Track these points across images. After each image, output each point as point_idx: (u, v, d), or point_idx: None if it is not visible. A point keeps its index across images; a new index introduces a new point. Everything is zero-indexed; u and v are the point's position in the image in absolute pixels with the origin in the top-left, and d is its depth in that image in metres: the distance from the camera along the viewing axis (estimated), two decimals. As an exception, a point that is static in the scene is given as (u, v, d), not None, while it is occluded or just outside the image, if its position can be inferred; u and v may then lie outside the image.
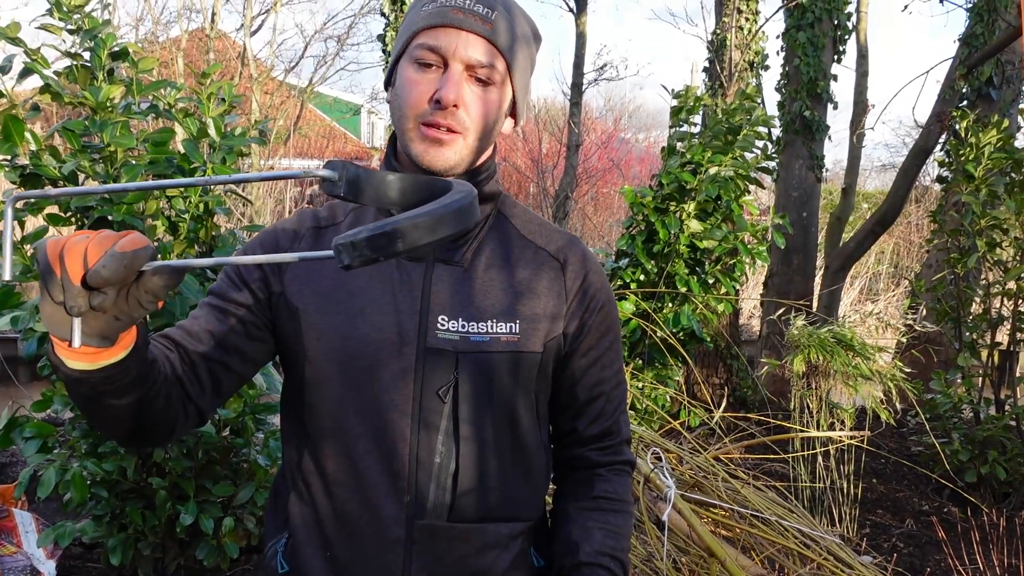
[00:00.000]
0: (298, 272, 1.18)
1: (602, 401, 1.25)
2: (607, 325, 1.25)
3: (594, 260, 1.26)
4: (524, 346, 1.15)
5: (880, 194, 12.83)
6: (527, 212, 1.28)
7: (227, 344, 1.16)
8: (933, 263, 6.23)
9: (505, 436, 1.17)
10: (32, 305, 2.37)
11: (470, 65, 1.11)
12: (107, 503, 2.58)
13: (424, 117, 1.11)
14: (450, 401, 1.12)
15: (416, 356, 1.12)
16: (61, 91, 2.51)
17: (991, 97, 6.31)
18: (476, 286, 1.16)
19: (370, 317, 1.14)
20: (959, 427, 4.37)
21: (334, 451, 1.15)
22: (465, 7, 1.11)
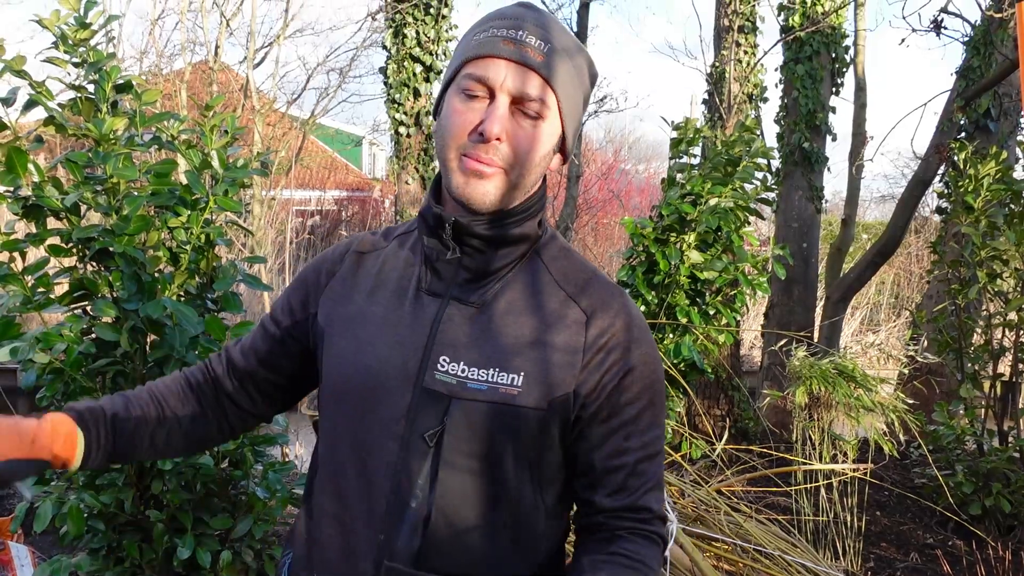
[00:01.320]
0: (332, 293, 1.22)
1: (623, 474, 1.12)
2: (637, 391, 1.12)
3: (633, 319, 1.14)
4: (522, 401, 1.07)
5: (880, 225, 12.87)
6: (572, 258, 1.19)
7: (270, 361, 1.28)
8: (934, 294, 6.24)
9: (490, 493, 1.09)
10: (32, 336, 2.37)
11: (518, 98, 1.07)
12: (104, 536, 2.56)
13: (466, 149, 1.08)
14: (435, 447, 1.08)
15: (412, 394, 1.09)
16: (65, 123, 2.53)
17: (989, 129, 6.35)
18: (486, 330, 1.10)
19: (377, 348, 1.13)
20: (963, 459, 4.34)
21: (329, 476, 1.17)
22: (517, 38, 1.08)
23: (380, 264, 1.21)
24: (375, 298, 1.17)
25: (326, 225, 15.96)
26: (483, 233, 1.11)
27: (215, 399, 1.30)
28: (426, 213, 1.16)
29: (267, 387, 1.30)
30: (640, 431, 1.13)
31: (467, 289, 1.13)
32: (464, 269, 1.13)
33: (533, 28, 1.09)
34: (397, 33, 7.53)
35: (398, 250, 1.21)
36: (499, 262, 1.13)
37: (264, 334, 1.29)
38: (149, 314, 2.37)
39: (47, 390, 2.41)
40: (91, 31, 2.55)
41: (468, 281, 1.13)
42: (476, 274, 1.13)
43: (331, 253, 1.27)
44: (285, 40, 11.84)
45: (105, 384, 2.49)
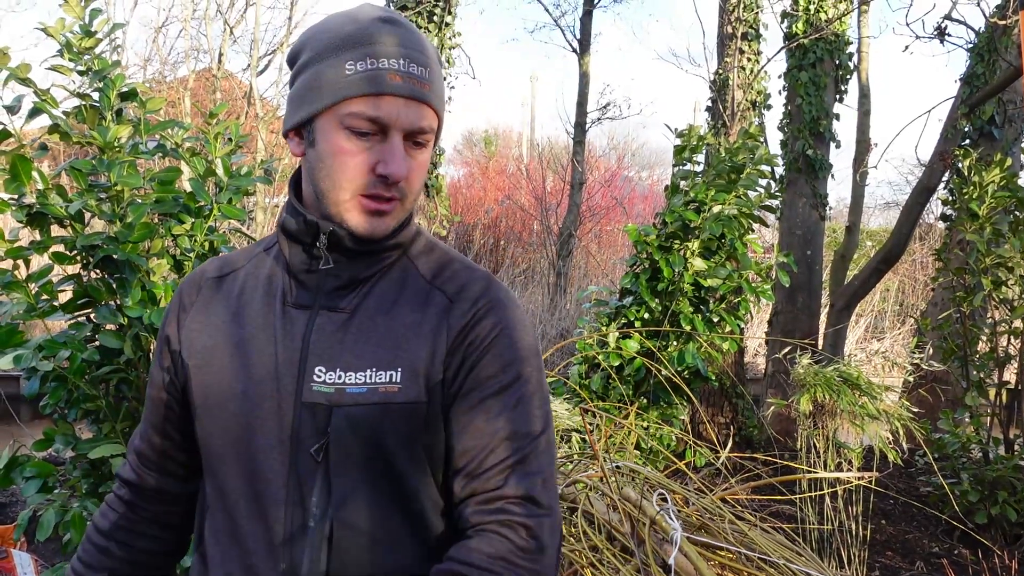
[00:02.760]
0: (193, 326, 1.17)
1: (482, 455, 1.06)
2: (502, 365, 1.08)
3: (501, 298, 1.11)
4: (404, 396, 1.05)
5: (884, 232, 12.86)
6: (441, 253, 1.17)
7: (172, 432, 1.22)
8: (939, 301, 6.22)
9: (388, 497, 1.06)
10: (35, 344, 2.37)
11: (412, 133, 1.06)
12: (106, 544, 2.55)
13: (365, 189, 1.05)
14: (323, 460, 1.04)
15: (292, 412, 1.06)
16: (69, 131, 2.53)
17: (993, 136, 6.34)
18: (359, 333, 1.08)
19: (251, 370, 1.09)
20: (968, 467, 4.32)
21: (221, 515, 1.12)
22: (401, 70, 1.04)
23: (240, 285, 1.17)
24: (239, 320, 1.13)
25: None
26: (359, 249, 1.09)
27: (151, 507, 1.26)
28: (290, 224, 1.11)
29: (188, 458, 1.23)
30: (504, 407, 1.07)
31: (336, 296, 1.10)
32: (333, 277, 1.10)
33: (412, 53, 1.06)
34: (401, 41, 7.54)
35: (257, 268, 1.17)
36: (371, 269, 1.11)
37: (152, 405, 1.23)
38: (153, 322, 2.37)
39: (50, 397, 2.41)
40: (96, 39, 2.56)
41: (336, 288, 1.10)
42: (346, 281, 1.10)
43: (184, 287, 1.21)
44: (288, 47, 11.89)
45: (109, 391, 2.49)
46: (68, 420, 2.49)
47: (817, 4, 7.06)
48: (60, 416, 2.50)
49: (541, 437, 1.08)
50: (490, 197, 18.01)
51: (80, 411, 2.46)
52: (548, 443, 1.09)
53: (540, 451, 1.08)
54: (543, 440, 1.09)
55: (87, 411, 2.48)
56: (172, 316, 1.20)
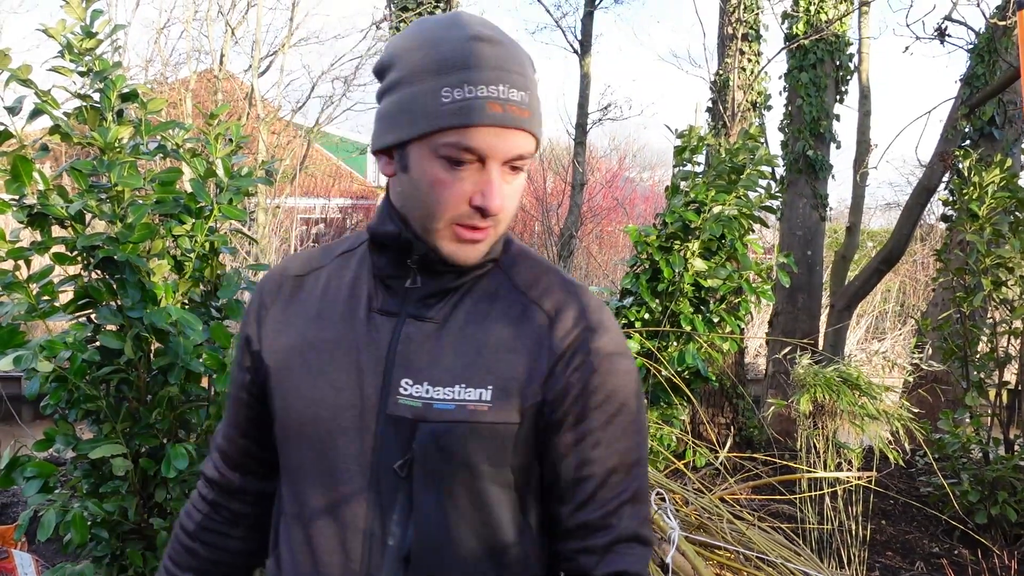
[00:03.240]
0: (273, 325, 1.13)
1: (592, 484, 1.03)
2: (606, 394, 1.04)
3: (600, 318, 1.07)
4: (494, 416, 1.01)
5: (885, 232, 12.86)
6: (534, 262, 1.12)
7: (254, 431, 1.20)
8: (939, 302, 6.22)
9: (471, 520, 1.02)
10: (36, 344, 2.37)
11: (510, 160, 1.01)
12: (108, 544, 2.56)
13: (460, 219, 1.01)
14: (406, 478, 1.01)
15: (376, 424, 1.02)
16: (70, 132, 2.54)
17: (994, 136, 6.34)
18: (447, 345, 1.03)
19: (332, 376, 1.05)
20: (968, 467, 4.32)
21: (297, 524, 1.09)
22: (501, 97, 0.98)
23: (323, 285, 1.13)
24: (322, 322, 1.09)
25: (331, 233, 16.00)
26: (450, 271, 1.06)
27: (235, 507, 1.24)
28: (382, 231, 1.08)
29: (270, 456, 1.19)
30: (611, 438, 1.04)
31: (424, 304, 1.06)
32: (423, 286, 1.07)
33: (511, 76, 1.00)
34: (401, 42, 7.54)
35: (342, 269, 1.13)
36: (461, 279, 1.07)
37: (233, 405, 1.21)
38: (153, 322, 2.38)
39: (51, 398, 2.41)
40: (97, 40, 2.57)
41: (425, 297, 1.06)
42: (435, 290, 1.06)
43: (264, 286, 1.17)
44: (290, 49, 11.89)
45: (109, 392, 2.50)
46: (69, 420, 2.50)
47: (817, 5, 7.06)
48: (61, 416, 2.51)
49: (643, 462, 1.07)
50: (491, 198, 18.01)
51: (81, 411, 2.47)
52: (646, 464, 1.08)
53: (643, 480, 1.07)
54: (644, 464, 1.07)
55: (88, 411, 2.48)
56: (252, 315, 1.17)
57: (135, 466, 2.49)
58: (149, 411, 2.51)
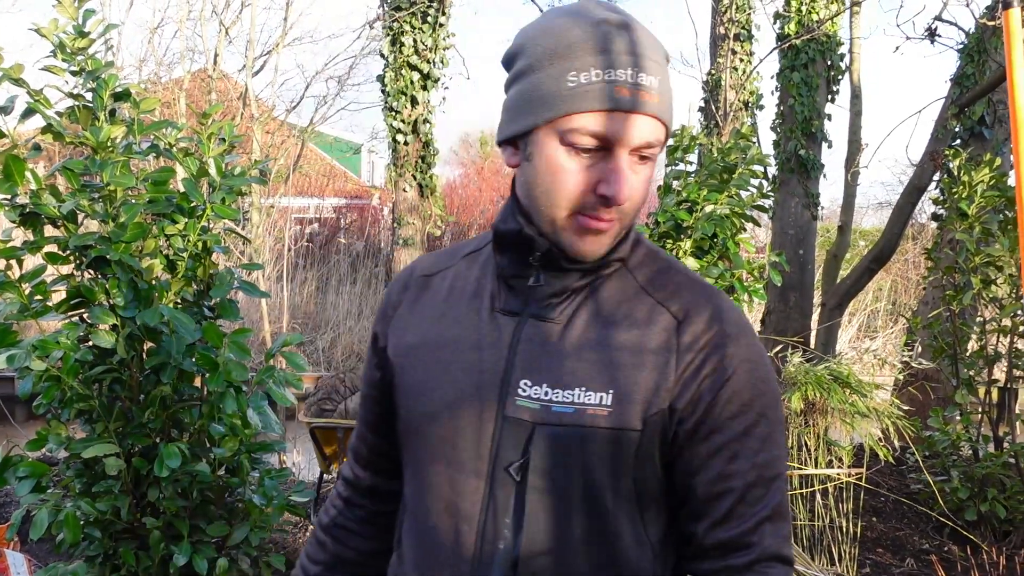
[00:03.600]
0: (399, 324, 1.14)
1: (729, 500, 0.97)
2: (743, 403, 0.97)
3: (734, 321, 1.01)
4: (616, 422, 0.96)
5: (876, 231, 12.90)
6: (664, 263, 1.07)
7: (385, 430, 1.19)
8: (929, 300, 6.25)
9: (586, 528, 0.98)
10: (29, 344, 2.38)
11: (638, 148, 0.96)
12: (100, 544, 2.56)
13: (583, 208, 0.97)
14: (520, 480, 0.98)
15: (494, 424, 1.00)
16: (63, 131, 2.54)
17: (983, 136, 6.38)
18: (569, 347, 1.00)
19: (453, 375, 1.04)
20: (958, 465, 4.35)
21: (414, 519, 1.09)
22: (630, 81, 0.94)
23: (449, 284, 1.12)
24: (445, 321, 1.09)
25: (324, 233, 15.98)
26: (573, 268, 1.02)
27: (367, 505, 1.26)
28: (505, 229, 1.05)
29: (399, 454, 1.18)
30: (749, 451, 0.97)
31: (547, 305, 1.03)
32: (545, 285, 1.03)
33: (640, 60, 0.96)
34: (395, 41, 7.55)
35: (467, 269, 1.12)
36: (584, 279, 1.03)
37: (365, 403, 1.22)
38: (146, 322, 2.38)
39: (44, 397, 2.42)
40: (89, 40, 2.57)
41: (548, 296, 1.03)
42: (558, 290, 1.03)
43: (393, 286, 1.19)
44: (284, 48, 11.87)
45: (102, 391, 2.51)
46: (61, 420, 2.50)
47: (809, 5, 7.09)
48: (54, 416, 2.51)
49: (783, 476, 1.01)
50: (485, 197, 18.03)
51: (73, 411, 2.47)
52: (785, 479, 1.02)
53: (784, 495, 1.00)
54: (784, 478, 1.01)
55: (80, 411, 2.49)
56: (381, 313, 1.18)
57: (128, 465, 2.50)
58: (142, 410, 2.52)
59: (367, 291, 12.98)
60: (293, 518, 4.05)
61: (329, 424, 3.93)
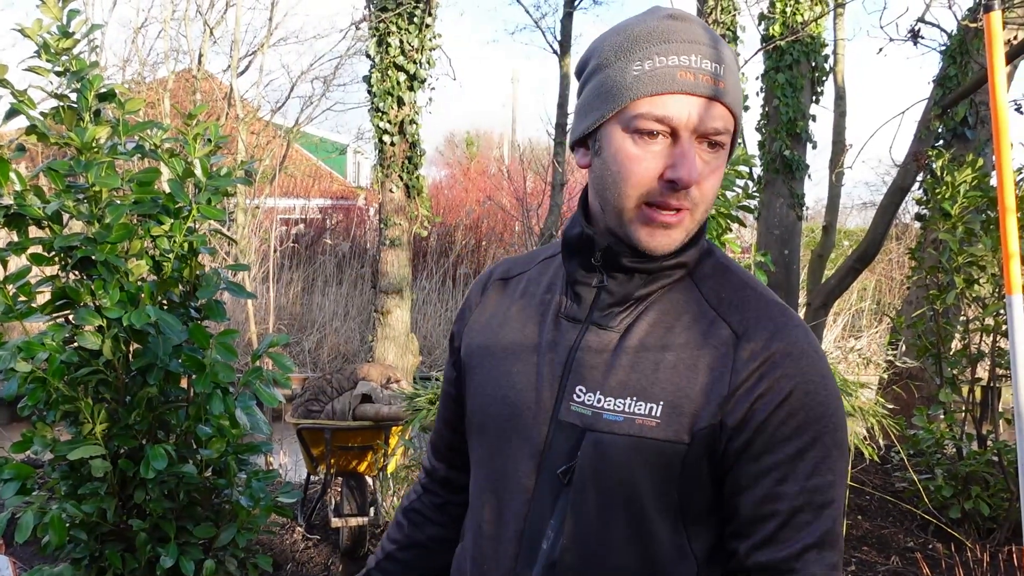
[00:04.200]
0: (474, 325, 1.18)
1: (774, 524, 0.94)
2: (797, 425, 0.94)
3: (799, 341, 0.98)
4: (660, 433, 0.95)
5: (860, 231, 12.98)
6: (730, 274, 1.05)
7: (459, 425, 1.23)
8: (913, 299, 6.30)
9: (626, 535, 0.98)
10: (13, 345, 2.36)
11: (706, 134, 0.96)
12: (86, 546, 2.55)
13: (651, 197, 0.97)
14: (567, 484, 1.00)
15: (548, 427, 1.02)
16: (47, 132, 2.53)
17: (966, 137, 6.43)
18: (625, 357, 1.00)
19: (514, 377, 1.07)
20: (942, 463, 4.39)
21: (473, 512, 1.14)
22: (693, 66, 0.96)
23: (522, 289, 1.15)
24: (513, 325, 1.11)
25: (311, 233, 15.93)
26: (636, 267, 1.02)
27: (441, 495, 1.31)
28: (570, 234, 1.07)
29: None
30: (800, 474, 0.94)
31: (608, 314, 1.03)
32: (607, 293, 1.04)
33: (702, 48, 0.97)
34: (381, 42, 7.54)
35: (541, 275, 1.15)
36: (647, 288, 1.03)
37: (443, 399, 1.27)
38: (132, 323, 2.37)
39: (29, 399, 2.40)
40: (74, 40, 2.56)
41: (610, 305, 1.03)
42: (620, 299, 1.03)
43: (474, 287, 1.23)
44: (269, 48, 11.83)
45: (88, 393, 2.49)
46: (47, 422, 2.48)
47: (793, 7, 7.13)
48: (39, 418, 2.50)
49: (836, 504, 0.97)
50: (471, 198, 18.02)
51: (59, 412, 2.46)
52: (840, 509, 0.98)
53: (835, 524, 0.97)
54: (837, 507, 0.97)
55: (66, 412, 2.47)
56: (460, 314, 1.22)
57: (114, 467, 2.49)
58: (128, 412, 2.50)
59: (353, 292, 12.96)
60: (280, 519, 4.04)
61: (316, 425, 3.93)
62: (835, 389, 0.98)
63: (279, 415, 4.29)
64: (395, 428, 4.01)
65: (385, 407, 3.95)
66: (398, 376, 4.40)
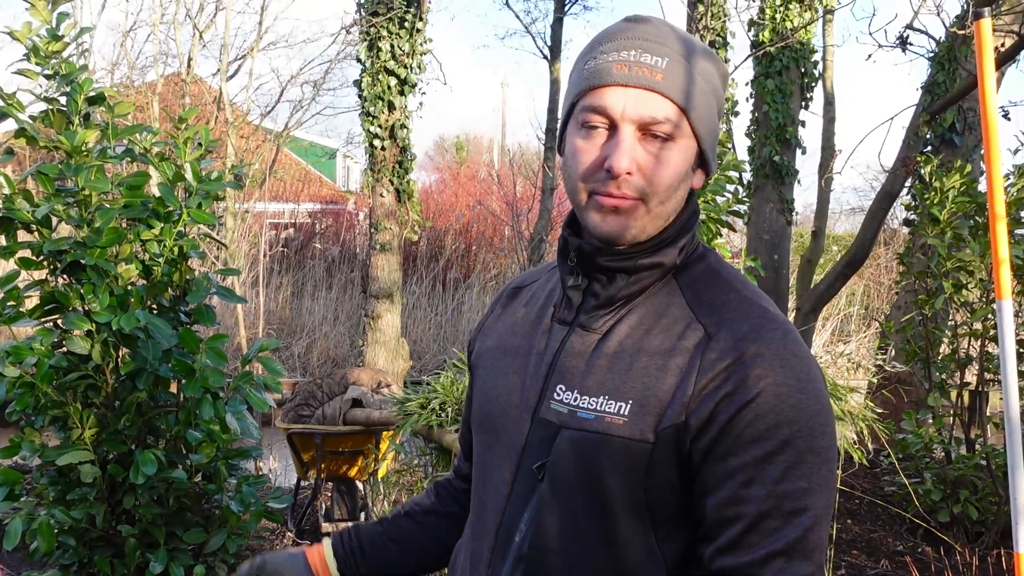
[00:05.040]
0: (486, 331, 1.25)
1: (739, 526, 0.92)
2: (766, 427, 0.92)
3: (775, 343, 0.95)
4: (627, 431, 0.96)
5: (849, 237, 13.04)
6: (720, 280, 1.05)
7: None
8: (902, 304, 6.33)
9: (593, 534, 0.99)
10: (1, 350, 2.34)
11: (643, 124, 0.98)
12: (75, 552, 2.53)
13: (595, 187, 1.00)
14: (542, 479, 1.02)
15: (530, 425, 1.06)
16: (36, 135, 2.51)
17: (954, 143, 6.48)
18: (603, 357, 1.02)
19: (508, 378, 1.12)
20: (931, 467, 4.40)
21: (471, 504, 1.19)
22: (631, 60, 0.99)
23: (530, 296, 1.21)
24: (516, 330, 1.16)
25: (300, 238, 15.89)
26: (608, 265, 1.04)
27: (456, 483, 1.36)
28: (560, 240, 1.11)
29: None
30: (768, 478, 0.92)
31: (593, 316, 1.06)
32: (592, 296, 1.06)
33: (645, 44, 1.00)
34: (372, 46, 7.54)
35: (547, 282, 1.19)
36: (628, 289, 1.04)
37: (467, 402, 1.31)
38: (122, 327, 2.35)
39: (17, 404, 2.38)
40: (63, 43, 2.55)
41: (595, 308, 1.06)
42: (603, 301, 1.05)
43: (494, 299, 1.29)
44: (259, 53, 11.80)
45: (76, 397, 2.48)
46: (36, 427, 2.47)
47: (783, 13, 7.17)
48: (27, 423, 2.48)
49: (811, 513, 0.93)
50: (461, 202, 18.03)
51: (48, 418, 2.44)
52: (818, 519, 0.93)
53: (807, 533, 0.92)
54: (813, 516, 0.93)
55: (55, 417, 2.45)
56: (479, 324, 1.29)
57: (103, 472, 2.47)
58: (117, 417, 2.49)
59: (343, 297, 12.93)
60: (271, 525, 4.02)
61: (307, 430, 3.91)
62: (817, 394, 0.95)
63: (269, 420, 4.27)
64: (386, 432, 4.00)
65: (376, 411, 3.94)
66: (388, 380, 4.39)
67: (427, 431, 3.46)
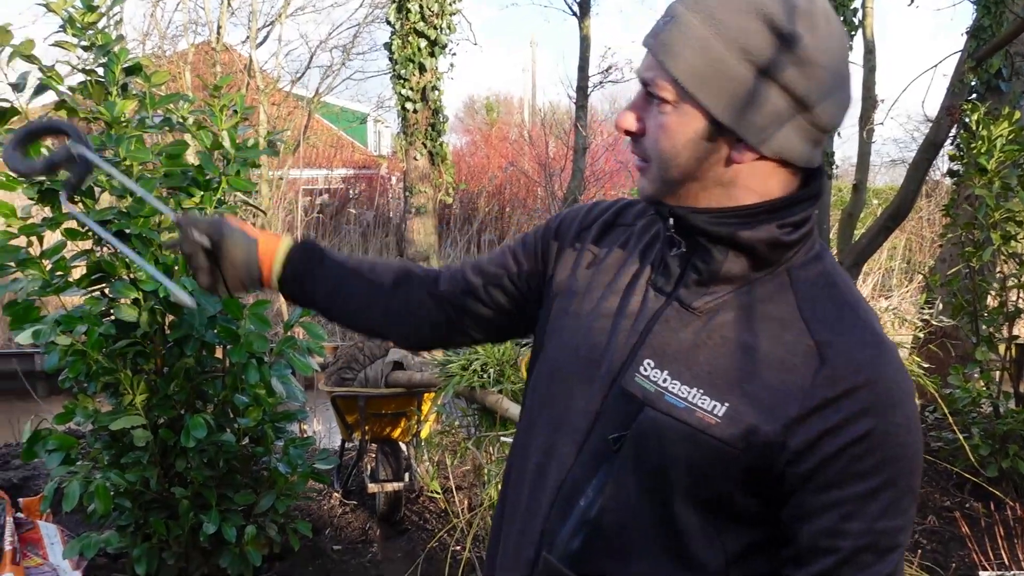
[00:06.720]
0: (567, 260, 1.16)
1: (833, 560, 0.91)
2: (873, 464, 0.89)
3: (887, 377, 0.91)
4: (719, 432, 0.93)
5: (891, 190, 12.79)
6: (835, 288, 0.98)
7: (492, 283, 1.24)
8: (947, 257, 6.21)
9: (659, 515, 0.98)
10: (52, 319, 2.39)
11: (643, 81, 0.97)
12: (131, 513, 2.60)
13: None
14: (616, 451, 0.99)
15: (609, 390, 1.01)
16: (76, 106, 2.53)
17: (1001, 89, 6.28)
18: (701, 344, 0.97)
19: (592, 334, 1.06)
20: (978, 422, 4.34)
21: (519, 452, 1.14)
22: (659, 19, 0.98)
23: (622, 243, 1.13)
24: (603, 279, 1.10)
25: (335, 204, 15.98)
26: (703, 227, 0.97)
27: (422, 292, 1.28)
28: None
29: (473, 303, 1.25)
30: (869, 515, 0.90)
31: (693, 292, 1.00)
32: (693, 269, 1.00)
33: (675, 8, 0.96)
34: (400, 8, 7.47)
35: (644, 233, 1.11)
36: (730, 267, 0.98)
37: (503, 258, 1.25)
38: (167, 294, 2.39)
39: (70, 372, 2.44)
40: (98, 14, 2.55)
41: (696, 283, 1.00)
42: (705, 276, 0.99)
43: (594, 209, 1.19)
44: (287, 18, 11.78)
45: (126, 364, 2.52)
46: (88, 393, 2.52)
47: (821, -41, 6.96)
48: (80, 390, 2.53)
49: (901, 549, 0.94)
50: (493, 164, 17.95)
51: (99, 384, 2.49)
52: (903, 553, 0.95)
53: (896, 566, 0.93)
54: (901, 552, 0.94)
55: (106, 384, 2.51)
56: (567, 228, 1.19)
57: (154, 437, 2.53)
58: (166, 382, 2.54)
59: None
60: (318, 485, 4.09)
61: (350, 393, 3.95)
62: (919, 432, 0.93)
63: (312, 383, 4.32)
64: (427, 394, 4.03)
65: (417, 373, 3.97)
66: (428, 343, 4.41)
67: (469, 392, 3.47)
